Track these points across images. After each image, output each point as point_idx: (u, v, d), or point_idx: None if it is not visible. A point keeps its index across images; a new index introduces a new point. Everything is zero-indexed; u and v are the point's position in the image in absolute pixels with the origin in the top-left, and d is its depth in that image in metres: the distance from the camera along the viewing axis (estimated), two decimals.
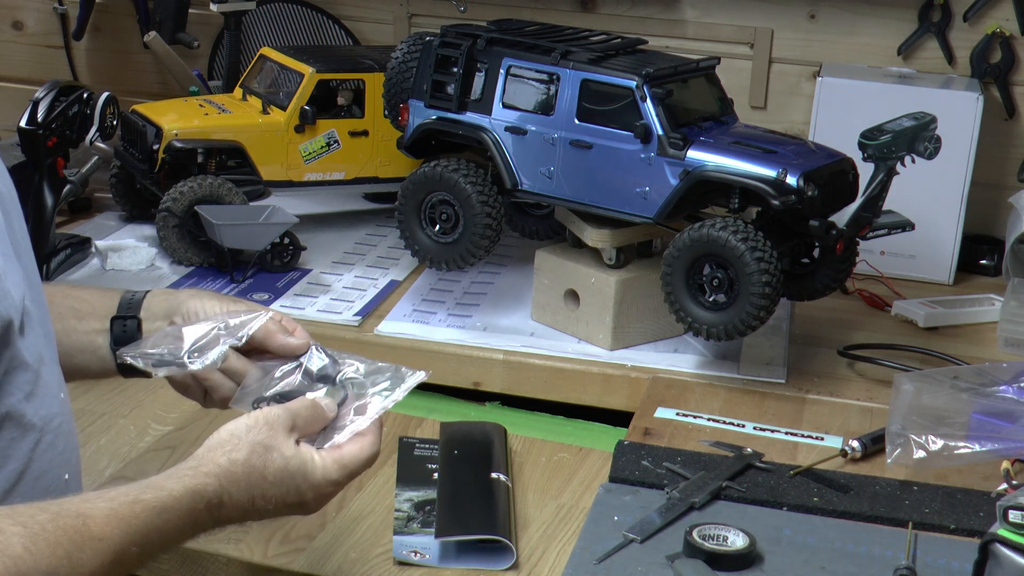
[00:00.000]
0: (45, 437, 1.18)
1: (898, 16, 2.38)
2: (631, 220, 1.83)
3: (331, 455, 1.23)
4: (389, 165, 2.28)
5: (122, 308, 1.41)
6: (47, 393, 1.19)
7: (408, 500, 1.51)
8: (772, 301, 1.73)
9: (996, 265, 2.31)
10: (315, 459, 1.22)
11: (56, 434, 1.20)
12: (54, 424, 1.19)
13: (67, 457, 1.22)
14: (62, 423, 1.21)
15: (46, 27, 2.83)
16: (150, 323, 1.40)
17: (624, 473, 1.55)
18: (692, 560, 1.35)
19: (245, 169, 2.18)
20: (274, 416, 1.22)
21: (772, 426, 1.71)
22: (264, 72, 2.28)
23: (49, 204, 2.08)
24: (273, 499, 1.19)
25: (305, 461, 1.21)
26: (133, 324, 1.40)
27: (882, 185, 1.81)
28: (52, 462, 1.19)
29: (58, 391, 1.22)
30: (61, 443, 1.21)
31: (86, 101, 2.11)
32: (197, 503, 1.14)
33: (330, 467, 1.23)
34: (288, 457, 1.20)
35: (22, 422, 1.16)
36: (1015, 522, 1.20)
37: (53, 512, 1.05)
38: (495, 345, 1.90)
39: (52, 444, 1.19)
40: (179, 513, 1.12)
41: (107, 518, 1.07)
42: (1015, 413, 1.62)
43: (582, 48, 1.86)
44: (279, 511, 1.22)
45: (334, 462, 1.23)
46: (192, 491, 1.14)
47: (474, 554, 1.41)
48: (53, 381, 1.21)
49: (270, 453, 1.19)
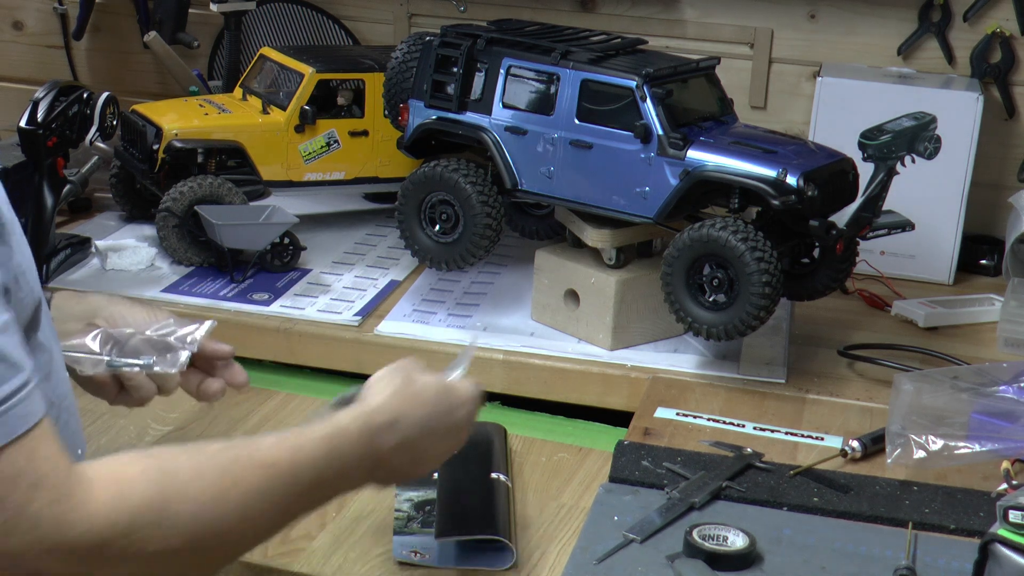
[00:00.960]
0: (61, 415, 1.19)
1: (898, 16, 2.38)
2: (631, 220, 1.83)
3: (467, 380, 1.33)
4: (389, 165, 2.28)
5: None
6: (58, 373, 1.21)
7: (408, 500, 1.51)
8: (772, 301, 1.73)
9: (996, 265, 2.31)
10: (454, 379, 1.32)
11: (68, 412, 1.22)
12: (66, 403, 1.21)
13: (77, 433, 1.24)
14: (71, 402, 1.23)
15: (46, 27, 2.83)
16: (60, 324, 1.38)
17: (624, 473, 1.55)
18: (692, 560, 1.35)
19: (245, 169, 2.18)
20: (405, 361, 1.29)
21: (772, 426, 1.71)
22: (264, 72, 2.28)
23: (49, 204, 2.08)
24: (441, 416, 1.25)
25: (444, 380, 1.30)
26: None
27: (882, 185, 1.81)
28: (68, 438, 1.20)
29: (63, 371, 1.24)
30: (73, 421, 1.23)
31: (86, 101, 2.11)
32: (370, 426, 1.18)
33: (468, 385, 1.32)
34: (437, 378, 1.29)
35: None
36: (1015, 522, 1.20)
37: (223, 442, 1.08)
38: (495, 345, 1.90)
39: (67, 422, 1.21)
40: (349, 437, 1.15)
41: (276, 444, 1.10)
42: (1015, 413, 1.62)
43: (582, 48, 1.86)
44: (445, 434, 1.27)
45: (468, 381, 1.33)
46: (362, 415, 1.18)
47: (474, 554, 1.41)
48: (60, 362, 1.23)
49: (423, 378, 1.27)
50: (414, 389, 1.25)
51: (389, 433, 1.20)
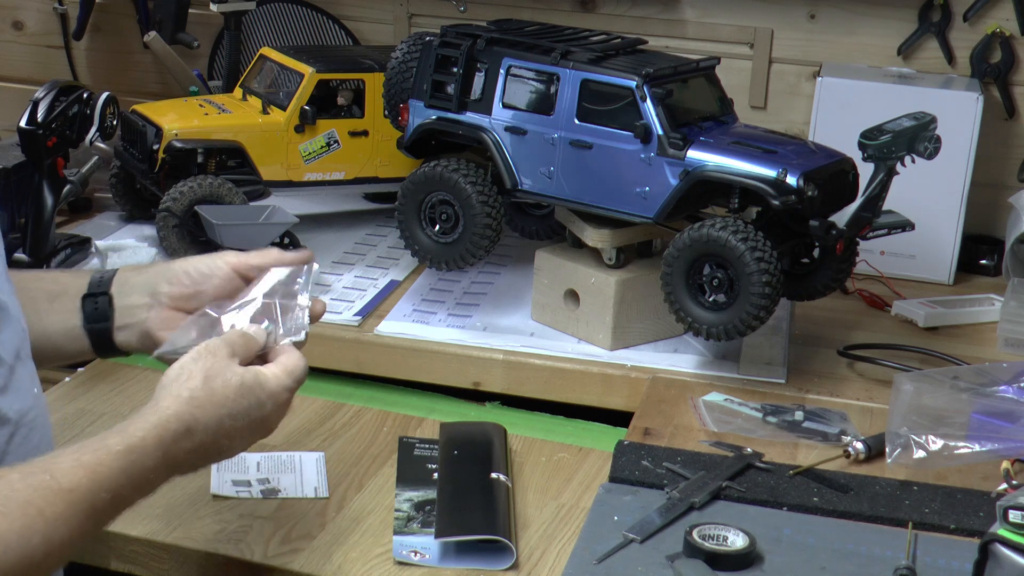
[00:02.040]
0: (20, 431, 1.18)
1: (898, 16, 2.38)
2: (631, 220, 1.83)
3: (277, 365, 1.28)
4: (389, 165, 2.28)
5: (92, 286, 1.42)
6: (21, 387, 1.19)
7: (408, 500, 1.51)
8: (772, 301, 1.73)
9: (996, 265, 2.31)
10: (265, 371, 1.26)
11: (31, 428, 1.20)
12: (28, 418, 1.20)
13: (42, 451, 1.22)
14: (36, 417, 1.21)
15: (46, 27, 2.83)
16: (123, 299, 1.42)
17: (624, 473, 1.55)
18: (692, 560, 1.35)
19: (245, 169, 2.18)
20: (213, 345, 1.25)
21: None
22: (264, 72, 2.28)
23: (49, 204, 2.08)
24: (240, 415, 1.22)
25: (257, 373, 1.25)
26: (104, 301, 1.42)
27: (882, 185, 1.81)
28: (27, 455, 1.19)
29: (31, 386, 1.22)
30: (36, 437, 1.21)
31: (86, 101, 2.11)
32: (164, 436, 1.15)
33: (280, 375, 1.27)
34: (240, 373, 1.24)
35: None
36: (1015, 522, 1.21)
37: (20, 471, 1.05)
38: (495, 345, 1.90)
39: (27, 437, 1.19)
40: (146, 451, 1.13)
41: (74, 469, 1.08)
42: (1015, 413, 1.62)
43: (582, 48, 1.86)
44: (247, 431, 1.23)
45: (282, 369, 1.27)
46: (157, 426, 1.15)
47: (474, 554, 1.41)
48: (27, 376, 1.21)
49: (224, 373, 1.22)
50: (211, 388, 1.21)
51: (184, 440, 1.17)
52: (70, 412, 1.71)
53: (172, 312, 1.41)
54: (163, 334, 1.39)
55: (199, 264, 1.42)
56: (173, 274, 1.42)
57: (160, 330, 1.40)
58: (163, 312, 1.41)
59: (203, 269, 1.41)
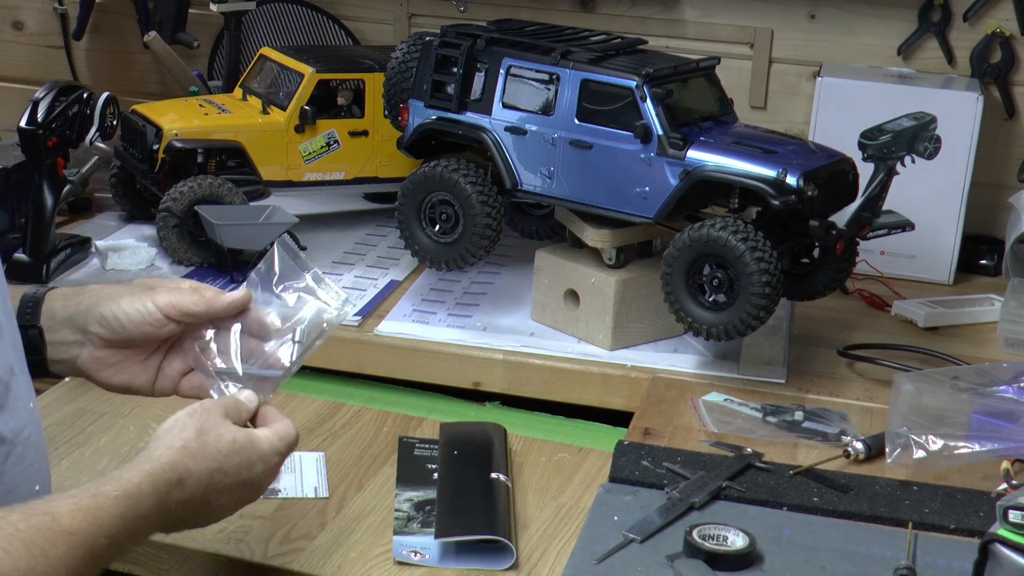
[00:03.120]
0: (15, 450, 1.17)
1: (898, 16, 2.38)
2: (631, 220, 1.83)
3: (270, 429, 1.27)
4: (389, 165, 2.28)
5: (22, 314, 1.34)
6: (17, 405, 1.17)
7: (408, 500, 1.51)
8: (772, 301, 1.73)
9: (996, 265, 2.31)
10: (258, 432, 1.26)
11: (26, 446, 1.18)
12: (24, 435, 1.18)
13: (37, 468, 1.21)
14: (31, 434, 1.20)
15: (46, 27, 2.83)
16: (53, 333, 1.35)
17: (624, 473, 1.55)
18: (692, 560, 1.35)
19: (245, 169, 2.18)
20: (209, 403, 1.25)
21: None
22: (264, 72, 2.28)
23: (49, 204, 2.08)
24: (230, 472, 1.21)
25: (250, 434, 1.25)
26: (35, 334, 1.34)
27: (882, 185, 1.81)
28: (23, 474, 1.18)
29: (27, 401, 1.20)
30: (31, 455, 1.19)
31: (86, 101, 2.11)
32: (158, 485, 1.15)
33: (272, 438, 1.26)
34: (233, 431, 1.23)
35: None
36: (1015, 522, 1.20)
37: (22, 512, 1.05)
38: (495, 345, 1.90)
39: (22, 456, 1.18)
40: (141, 498, 1.13)
41: (73, 512, 1.07)
42: (1015, 413, 1.62)
43: (582, 48, 1.86)
44: (236, 489, 1.23)
45: (274, 434, 1.26)
46: (151, 475, 1.15)
47: (474, 554, 1.41)
48: (23, 392, 1.19)
49: (217, 429, 1.22)
50: (204, 441, 1.20)
51: (176, 491, 1.17)
52: (70, 412, 1.71)
53: (106, 352, 1.35)
54: (101, 374, 1.35)
55: (128, 309, 1.33)
56: (103, 317, 1.33)
57: (97, 371, 1.35)
58: (96, 352, 1.35)
59: (133, 316, 1.33)
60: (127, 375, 1.36)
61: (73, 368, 1.36)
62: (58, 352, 1.35)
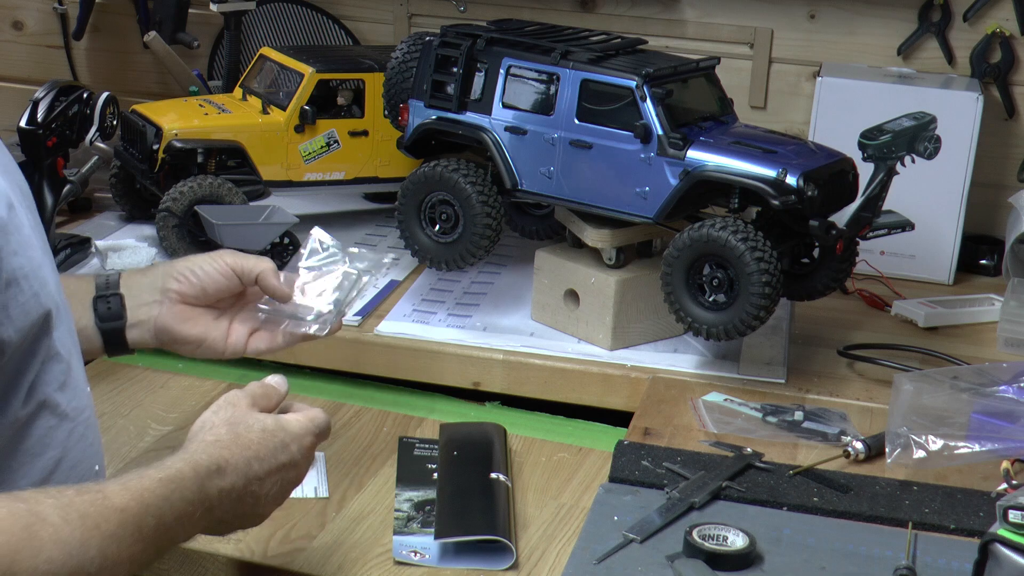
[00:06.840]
0: (77, 428, 1.20)
1: (898, 16, 2.38)
2: (631, 220, 1.83)
3: (300, 413, 1.30)
4: (389, 165, 2.28)
5: (100, 288, 1.47)
6: (77, 385, 1.21)
7: (408, 500, 1.51)
8: (772, 301, 1.73)
9: (996, 265, 2.31)
10: (287, 417, 1.28)
11: (87, 425, 1.22)
12: (84, 416, 1.22)
13: (96, 448, 1.25)
14: (89, 416, 1.23)
15: (46, 27, 2.83)
16: (133, 298, 1.47)
17: (624, 473, 1.55)
18: (692, 560, 1.35)
19: (245, 169, 2.18)
20: (232, 396, 1.28)
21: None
22: (264, 72, 2.28)
23: (49, 204, 2.08)
24: (267, 458, 1.23)
25: (279, 419, 1.27)
26: (116, 301, 1.47)
27: (882, 185, 1.81)
28: (84, 452, 1.21)
29: (84, 384, 1.24)
30: (91, 434, 1.23)
31: (86, 101, 2.11)
32: (199, 471, 1.17)
33: (303, 420, 1.29)
34: (262, 419, 1.26)
35: (57, 411, 1.18)
36: (1015, 522, 1.20)
37: (76, 488, 1.07)
38: (495, 345, 1.90)
39: (83, 435, 1.21)
40: (183, 482, 1.15)
41: (121, 491, 1.09)
42: (1015, 413, 1.62)
43: (582, 48, 1.86)
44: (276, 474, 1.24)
45: (304, 416, 1.29)
46: (191, 463, 1.17)
47: (474, 554, 1.41)
48: (80, 374, 1.23)
49: (246, 419, 1.25)
50: (235, 433, 1.23)
51: (217, 478, 1.18)
52: None
53: (183, 307, 1.48)
54: (181, 327, 1.47)
55: (202, 263, 1.48)
56: (179, 272, 1.48)
57: (177, 324, 1.47)
58: (174, 308, 1.47)
59: (207, 268, 1.48)
60: (202, 327, 1.48)
61: (151, 329, 1.47)
62: (138, 315, 1.47)
